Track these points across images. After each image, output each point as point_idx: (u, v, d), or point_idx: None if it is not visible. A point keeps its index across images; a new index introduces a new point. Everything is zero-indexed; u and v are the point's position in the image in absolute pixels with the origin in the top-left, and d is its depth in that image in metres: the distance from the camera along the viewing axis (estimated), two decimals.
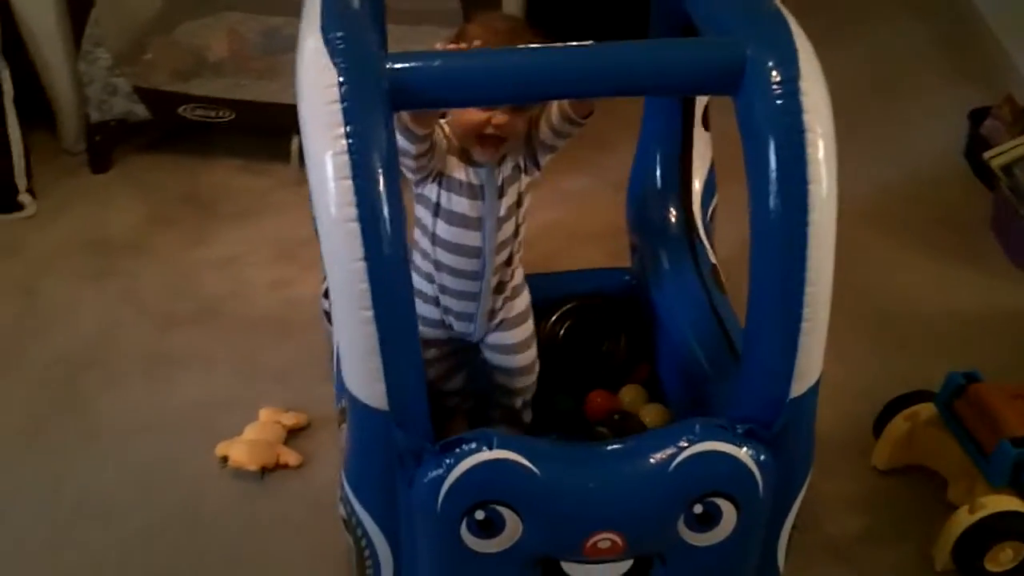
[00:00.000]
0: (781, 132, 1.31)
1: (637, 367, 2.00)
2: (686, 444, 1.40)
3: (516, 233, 1.69)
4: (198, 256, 2.50)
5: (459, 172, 1.62)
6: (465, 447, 1.38)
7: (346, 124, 1.26)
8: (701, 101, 1.95)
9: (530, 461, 1.38)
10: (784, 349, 1.38)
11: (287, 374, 2.14)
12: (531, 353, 1.79)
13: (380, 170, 1.27)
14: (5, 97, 2.57)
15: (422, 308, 1.73)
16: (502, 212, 1.65)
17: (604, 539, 1.40)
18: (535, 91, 1.41)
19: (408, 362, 1.36)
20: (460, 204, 1.63)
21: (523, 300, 1.77)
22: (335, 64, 1.28)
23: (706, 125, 1.98)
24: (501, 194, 1.64)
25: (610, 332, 2.01)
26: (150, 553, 1.77)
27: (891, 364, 2.15)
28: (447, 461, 1.37)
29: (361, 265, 1.28)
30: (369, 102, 1.28)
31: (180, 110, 2.68)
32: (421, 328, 1.73)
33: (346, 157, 1.26)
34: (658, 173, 2.01)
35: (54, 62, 2.68)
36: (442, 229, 1.66)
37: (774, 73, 1.32)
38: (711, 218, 2.04)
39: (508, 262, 1.71)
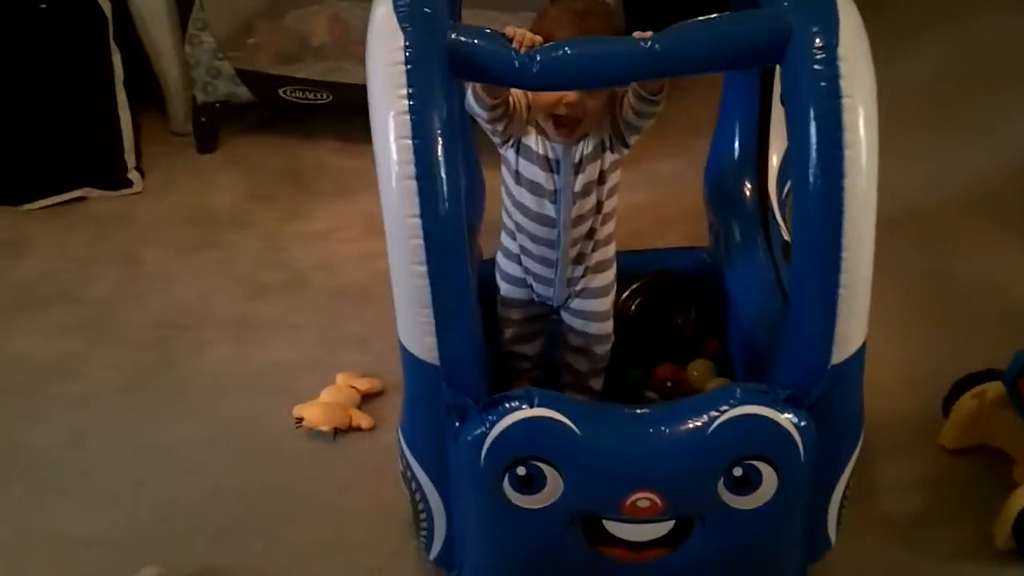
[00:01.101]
0: (818, 98, 1.33)
1: (707, 342, 2.01)
2: (726, 408, 1.42)
3: (598, 208, 1.70)
4: (292, 230, 2.60)
5: (535, 143, 1.65)
6: (507, 404, 1.43)
7: (409, 86, 1.33)
8: (780, 77, 1.95)
9: (570, 420, 1.42)
10: (823, 315, 1.39)
11: (367, 341, 2.21)
12: (608, 324, 1.81)
13: (439, 131, 1.33)
14: (116, 80, 2.73)
15: (507, 265, 1.79)
16: (578, 187, 1.66)
17: (643, 498, 1.43)
18: (583, 78, 1.45)
19: (460, 318, 1.41)
20: (535, 173, 1.66)
21: (607, 275, 1.78)
22: (402, 28, 1.35)
23: (784, 102, 1.97)
24: (578, 170, 1.66)
25: (681, 307, 2.03)
26: (224, 505, 1.86)
27: (967, 346, 2.11)
28: (490, 417, 1.42)
29: (416, 221, 1.34)
30: (431, 67, 1.34)
31: (281, 92, 2.79)
32: (506, 285, 1.82)
33: (407, 117, 1.33)
34: (735, 150, 2.03)
35: (163, 46, 2.83)
36: (520, 194, 1.70)
37: (815, 41, 1.34)
38: (787, 195, 2.03)
39: (589, 235, 1.72)
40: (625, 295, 2.00)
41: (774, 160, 2.01)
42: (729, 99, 2.03)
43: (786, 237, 1.96)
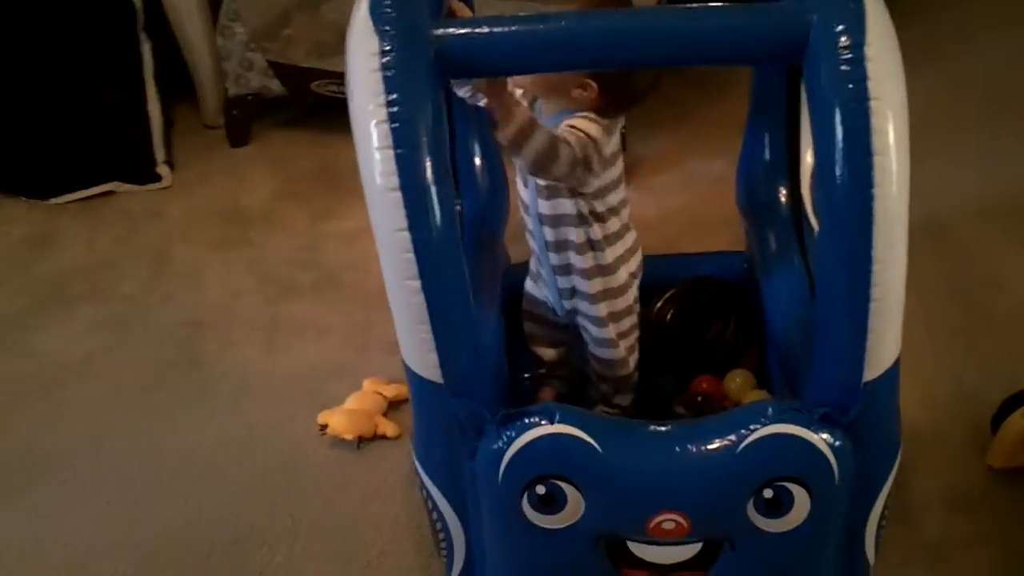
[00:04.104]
0: (845, 100, 1.24)
1: (747, 353, 1.94)
2: (756, 426, 1.35)
3: (581, 220, 1.61)
4: (324, 229, 2.56)
5: None
6: (526, 420, 1.37)
7: (389, 92, 1.27)
8: None
9: (592, 437, 1.36)
10: (854, 332, 1.31)
11: (397, 345, 2.16)
12: (609, 330, 1.72)
13: (424, 139, 1.27)
14: (146, 71, 2.70)
15: (530, 261, 1.76)
16: (542, 181, 1.60)
17: (668, 520, 1.37)
18: (587, 59, 1.37)
19: (462, 332, 1.36)
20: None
21: (600, 282, 1.68)
22: (379, 31, 1.28)
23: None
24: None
25: (719, 316, 1.95)
26: (243, 513, 1.82)
27: (1013, 361, 2.00)
28: (508, 433, 1.37)
29: (405, 235, 1.28)
30: (413, 70, 1.28)
31: (313, 86, 2.74)
32: (528, 281, 1.78)
33: (388, 126, 1.27)
34: (766, 152, 1.93)
35: (195, 37, 2.79)
36: (517, 178, 1.66)
37: (840, 39, 1.25)
38: None
39: (566, 246, 1.64)
40: (660, 303, 1.93)
41: (807, 159, 1.93)
42: (757, 97, 1.93)
43: None
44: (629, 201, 1.67)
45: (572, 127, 1.52)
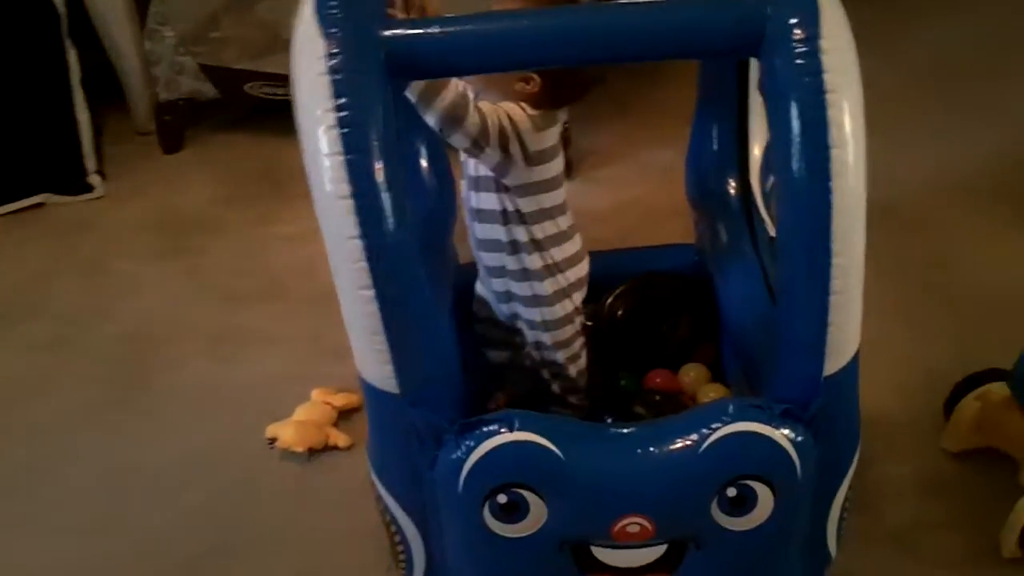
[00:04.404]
0: (801, 93, 1.23)
1: (702, 346, 1.92)
2: (718, 425, 1.34)
3: (505, 217, 1.58)
4: (268, 234, 2.51)
5: None
6: (485, 428, 1.34)
7: (338, 96, 1.23)
8: (756, 65, 1.85)
9: (553, 443, 1.33)
10: (814, 325, 1.30)
11: (346, 352, 2.11)
12: (548, 336, 1.68)
13: (375, 144, 1.24)
14: (72, 78, 2.62)
15: None
16: (472, 171, 1.58)
17: (633, 523, 1.35)
18: (539, 56, 1.34)
19: (418, 341, 1.32)
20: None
21: (533, 286, 1.64)
22: (326, 33, 1.24)
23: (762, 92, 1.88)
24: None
25: (672, 310, 1.94)
26: (198, 532, 1.78)
27: (969, 343, 2.02)
28: (467, 443, 1.34)
29: (357, 243, 1.25)
30: (363, 73, 1.24)
31: (247, 88, 2.69)
32: (478, 283, 1.75)
33: (338, 131, 1.23)
34: (715, 143, 1.92)
35: (122, 42, 2.74)
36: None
37: (795, 32, 1.24)
38: (771, 190, 1.94)
39: (497, 246, 1.61)
40: (611, 299, 1.91)
41: (756, 151, 1.92)
42: (705, 89, 1.92)
43: (772, 233, 1.88)
44: (578, 197, 1.65)
45: (497, 106, 1.50)
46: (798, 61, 1.24)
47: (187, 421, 2.01)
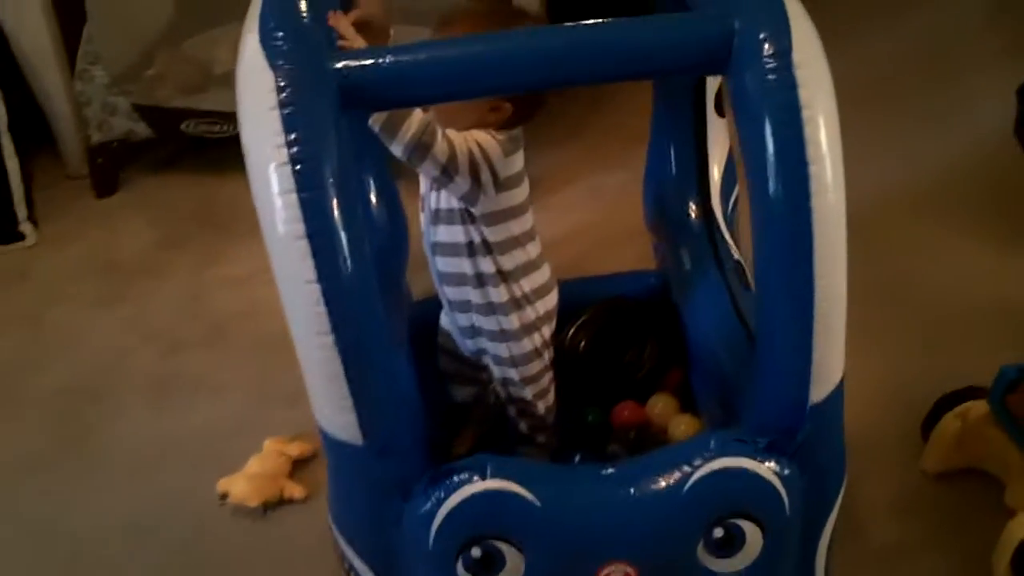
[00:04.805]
0: (775, 110, 1.18)
1: (668, 374, 1.86)
2: (700, 462, 1.27)
3: (471, 250, 1.52)
4: (210, 276, 2.41)
5: None
6: (456, 477, 1.26)
7: (289, 132, 1.15)
8: (712, 85, 1.81)
9: (528, 490, 1.26)
10: (798, 351, 1.24)
11: (297, 396, 2.00)
12: (514, 372, 1.62)
13: (331, 180, 1.16)
14: None
15: None
16: (433, 204, 1.52)
17: (615, 571, 1.28)
18: (501, 82, 1.27)
19: (382, 388, 1.24)
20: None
21: (498, 320, 1.57)
22: (274, 66, 1.17)
23: (719, 111, 1.83)
24: (434, 186, 1.51)
25: (635, 339, 1.87)
26: None
27: (941, 359, 1.97)
28: (437, 494, 1.26)
29: (315, 287, 1.17)
30: (315, 106, 1.17)
31: (183, 126, 2.60)
32: (442, 315, 1.68)
33: (290, 168, 1.15)
34: (673, 164, 1.88)
35: (51, 84, 2.62)
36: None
37: (765, 46, 1.19)
38: (733, 211, 1.89)
39: (462, 280, 1.55)
40: (572, 331, 1.84)
41: (715, 173, 1.87)
42: (660, 111, 1.88)
43: (736, 256, 1.83)
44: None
45: (465, 133, 1.44)
46: (770, 76, 1.20)
47: (130, 479, 1.90)
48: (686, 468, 1.27)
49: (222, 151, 2.70)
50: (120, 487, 1.88)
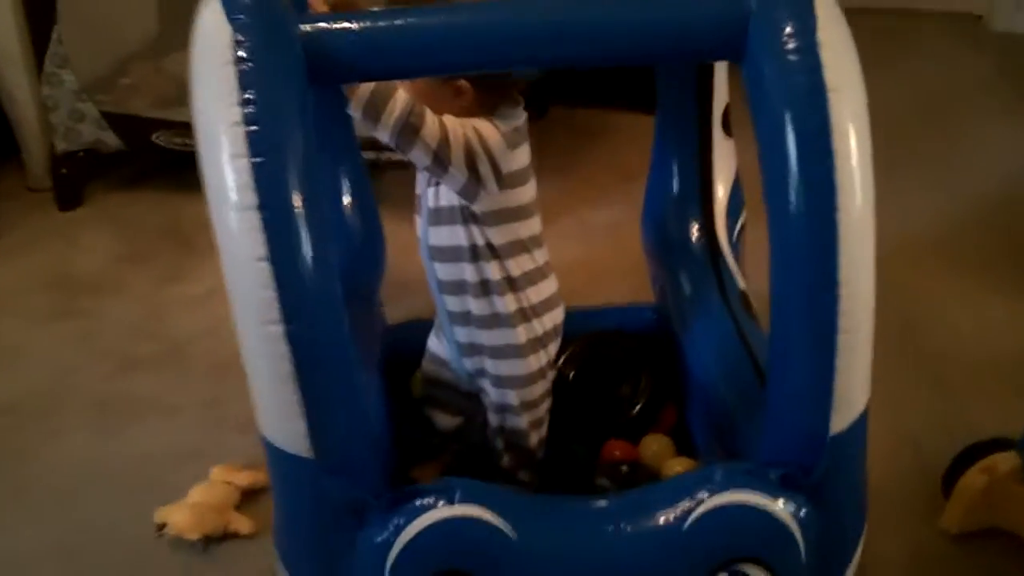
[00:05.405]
0: (797, 95, 1.05)
1: (662, 412, 1.69)
2: (704, 496, 1.11)
3: (474, 254, 1.38)
4: (171, 293, 2.27)
5: None
6: (419, 502, 1.10)
7: (244, 90, 1.01)
8: (720, 101, 1.68)
9: (503, 519, 1.10)
10: (818, 371, 1.09)
11: (252, 423, 1.85)
12: (519, 395, 1.47)
13: (289, 146, 1.02)
14: None
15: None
16: (431, 202, 1.38)
17: None
18: (491, 57, 1.15)
19: (338, 391, 1.08)
20: (419, 182, 1.40)
21: (500, 334, 1.43)
22: (233, 21, 1.04)
23: (727, 130, 1.70)
24: (430, 182, 1.37)
25: (629, 372, 1.71)
26: None
27: (957, 410, 1.82)
28: (396, 520, 1.09)
29: (265, 266, 1.01)
30: (275, 65, 1.04)
31: (154, 138, 2.45)
32: (431, 337, 1.54)
33: (243, 129, 1.00)
34: (675, 186, 1.73)
35: (16, 87, 2.49)
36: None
37: (786, 28, 1.06)
38: (738, 237, 1.74)
39: (462, 288, 1.40)
40: (562, 360, 1.68)
41: (720, 192, 1.72)
42: (664, 126, 1.74)
43: (741, 285, 1.68)
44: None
45: (464, 120, 1.29)
46: (791, 57, 1.06)
47: (64, 504, 1.72)
48: (687, 503, 1.11)
49: (191, 169, 2.55)
50: (50, 512, 1.71)
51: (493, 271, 1.38)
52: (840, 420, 1.11)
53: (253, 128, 1.02)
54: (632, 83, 2.72)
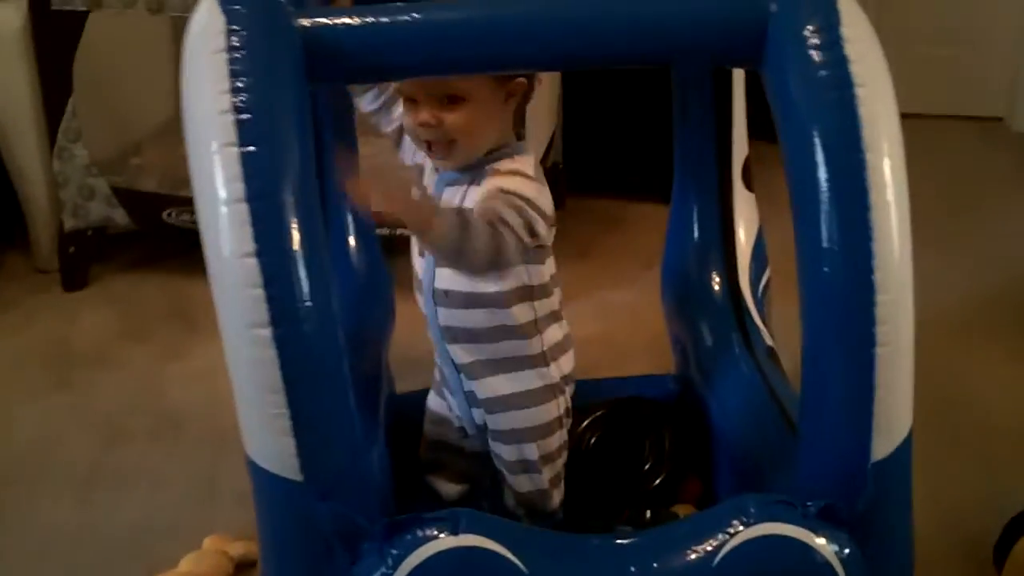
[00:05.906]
0: (823, 90, 0.99)
1: (686, 484, 1.58)
2: (736, 528, 1.00)
3: (507, 298, 1.29)
4: (169, 370, 2.20)
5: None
6: (420, 532, 0.99)
7: (235, 77, 0.96)
8: (740, 153, 1.62)
9: (513, 552, 0.99)
10: (856, 390, 0.99)
11: (249, 497, 1.75)
12: (520, 449, 1.36)
13: (282, 137, 0.96)
14: None
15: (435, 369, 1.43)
16: None
17: None
18: (496, 54, 1.09)
19: (331, 407, 0.98)
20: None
21: (507, 381, 1.34)
22: (227, 10, 0.99)
23: (748, 183, 1.63)
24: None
25: (651, 441, 1.60)
26: None
27: (999, 480, 1.76)
28: (394, 551, 0.98)
29: (253, 263, 0.93)
30: (270, 53, 0.99)
31: (165, 215, 2.40)
32: (431, 396, 1.45)
33: (232, 118, 0.94)
34: (695, 242, 1.65)
35: (27, 163, 2.44)
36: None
37: (808, 26, 1.01)
38: (764, 294, 1.66)
39: (475, 336, 1.31)
40: (582, 428, 1.57)
41: (742, 244, 1.64)
42: (682, 180, 1.67)
43: (769, 343, 1.58)
44: None
45: (503, 191, 1.19)
46: (815, 54, 1.01)
47: (46, 571, 1.62)
48: (718, 536, 0.99)
49: (199, 250, 2.50)
50: None
51: (510, 316, 1.29)
52: (882, 446, 1.01)
53: (245, 117, 0.96)
54: (648, 172, 2.70)
